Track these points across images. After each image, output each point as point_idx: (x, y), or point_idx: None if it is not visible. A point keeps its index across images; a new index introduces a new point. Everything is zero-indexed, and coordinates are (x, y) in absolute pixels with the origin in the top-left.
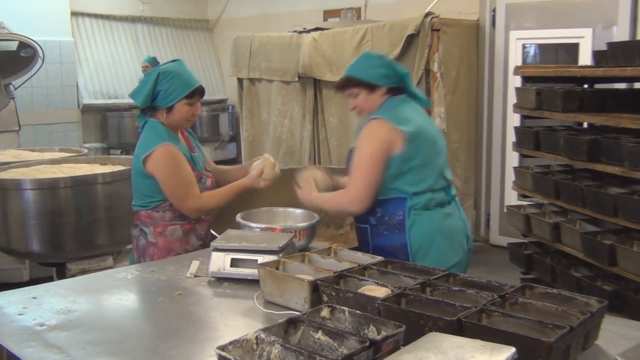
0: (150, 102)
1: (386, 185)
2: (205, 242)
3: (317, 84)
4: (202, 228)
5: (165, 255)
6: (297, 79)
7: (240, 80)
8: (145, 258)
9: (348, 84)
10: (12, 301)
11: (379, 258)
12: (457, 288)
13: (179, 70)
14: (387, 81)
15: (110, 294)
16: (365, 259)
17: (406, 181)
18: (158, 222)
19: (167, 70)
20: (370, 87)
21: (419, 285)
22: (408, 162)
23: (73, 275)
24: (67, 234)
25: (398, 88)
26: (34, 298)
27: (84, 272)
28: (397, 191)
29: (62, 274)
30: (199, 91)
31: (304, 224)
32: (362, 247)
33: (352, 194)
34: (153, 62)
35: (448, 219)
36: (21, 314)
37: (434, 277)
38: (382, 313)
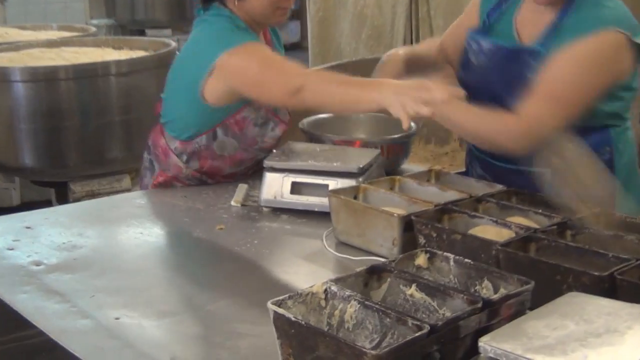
0: None
1: (589, 114)
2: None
3: None
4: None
5: None
6: None
7: None
8: None
9: None
10: (0, 231)
11: (499, 187)
12: (611, 232)
13: None
14: None
15: (128, 225)
16: (480, 187)
17: (618, 106)
18: (169, 170)
19: None
20: None
21: (555, 227)
22: (631, 85)
23: (78, 200)
24: (70, 143)
25: None
26: (28, 228)
27: (92, 195)
28: (603, 118)
29: (63, 198)
30: None
31: (394, 137)
32: None
33: (530, 127)
34: None
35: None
36: (11, 249)
37: (578, 215)
38: (502, 263)
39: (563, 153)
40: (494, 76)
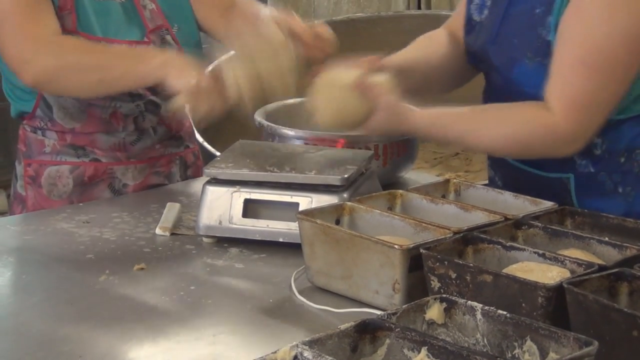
0: None
1: (632, 94)
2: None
3: None
4: (127, 174)
5: None
6: None
7: None
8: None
9: None
10: None
11: (548, 204)
12: None
13: None
14: None
15: (4, 264)
16: (520, 204)
17: None
18: (33, 152)
19: None
20: None
21: (630, 260)
22: None
23: None
24: None
25: None
26: None
27: None
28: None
29: None
30: None
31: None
32: None
33: (570, 122)
34: None
35: None
36: None
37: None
38: (551, 315)
39: None
40: (503, 30)
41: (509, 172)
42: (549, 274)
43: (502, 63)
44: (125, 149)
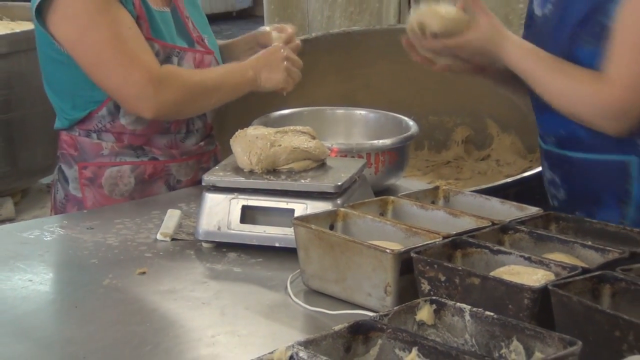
0: None
1: None
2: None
3: None
4: (180, 170)
5: None
6: None
7: None
8: None
9: None
10: None
11: (533, 210)
12: None
13: None
14: None
15: (12, 269)
16: (507, 210)
17: None
18: (88, 156)
19: None
20: None
21: (612, 263)
22: None
23: None
24: None
25: None
26: None
27: None
28: None
29: None
30: None
31: (386, 141)
32: (597, 203)
33: (616, 96)
34: None
35: None
36: None
37: None
38: (537, 316)
39: None
40: (566, 19)
41: (568, 168)
42: (535, 277)
43: (562, 51)
44: (177, 146)
